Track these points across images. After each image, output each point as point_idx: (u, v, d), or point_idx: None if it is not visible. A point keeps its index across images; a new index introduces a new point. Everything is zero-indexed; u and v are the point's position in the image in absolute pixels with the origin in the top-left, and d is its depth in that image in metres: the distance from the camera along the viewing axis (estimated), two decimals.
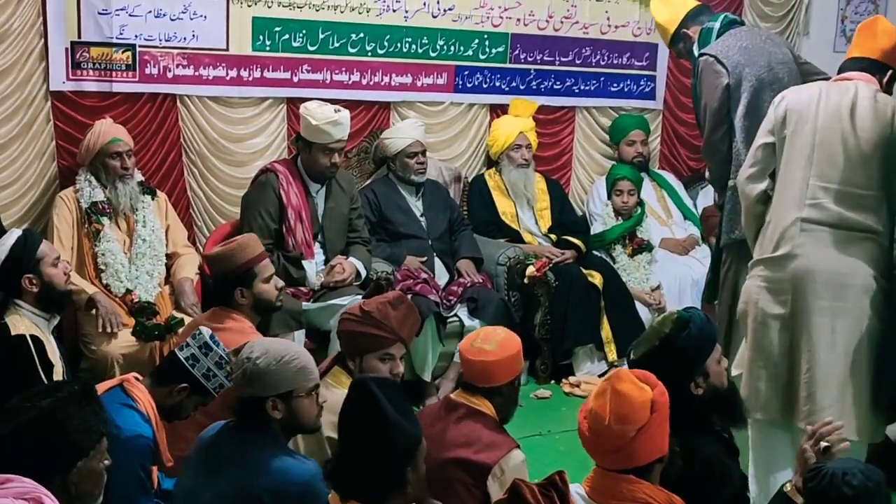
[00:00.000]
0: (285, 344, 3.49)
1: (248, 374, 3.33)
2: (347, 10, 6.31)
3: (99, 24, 5.63)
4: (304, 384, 3.39)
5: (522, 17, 6.88)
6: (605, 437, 3.00)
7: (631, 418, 2.96)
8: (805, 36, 7.97)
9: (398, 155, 6.31)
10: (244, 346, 3.49)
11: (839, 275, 4.06)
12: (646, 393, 3.00)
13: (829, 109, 4.15)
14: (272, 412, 3.33)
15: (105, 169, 5.38)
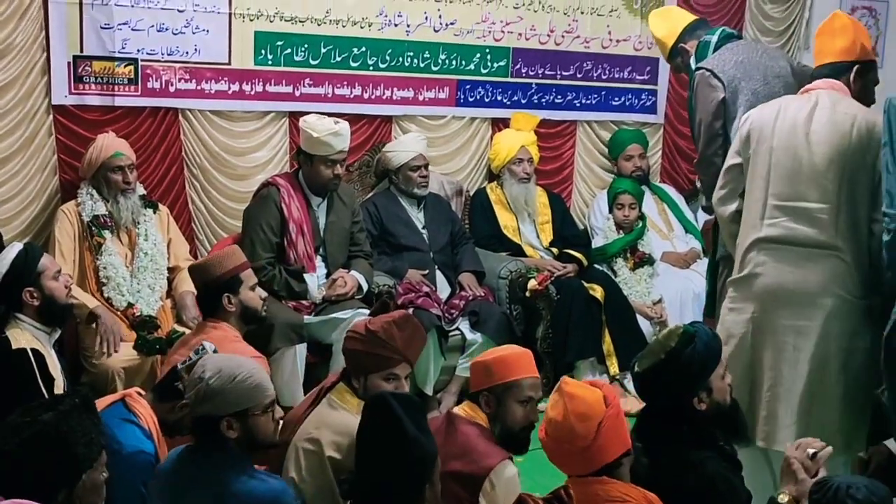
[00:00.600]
0: (238, 361, 3.41)
1: (201, 394, 3.26)
2: (349, 25, 6.32)
3: (101, 39, 5.64)
4: (260, 401, 3.32)
5: (524, 32, 6.89)
6: (569, 440, 3.05)
7: (589, 414, 3.04)
8: (806, 50, 7.96)
9: (401, 168, 6.31)
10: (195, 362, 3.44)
11: (801, 293, 4.06)
12: (596, 391, 3.10)
13: (785, 125, 4.14)
14: (227, 431, 3.25)
15: (107, 183, 5.38)
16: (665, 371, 3.39)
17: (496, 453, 3.59)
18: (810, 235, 4.05)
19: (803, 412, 4.04)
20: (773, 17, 7.78)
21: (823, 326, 4.03)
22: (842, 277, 4.03)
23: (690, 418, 3.39)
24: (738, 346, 4.18)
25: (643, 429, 3.47)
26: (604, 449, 3.06)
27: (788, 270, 4.08)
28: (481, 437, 3.64)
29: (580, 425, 3.03)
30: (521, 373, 3.75)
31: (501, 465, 3.54)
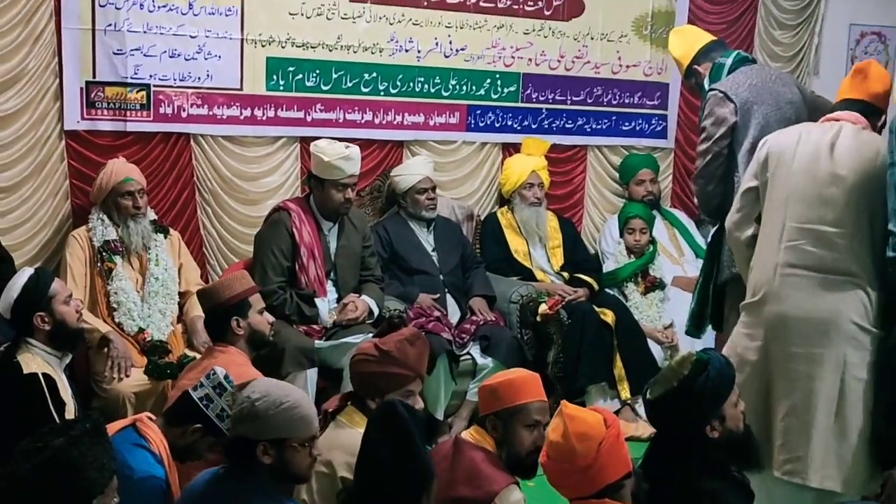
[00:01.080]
0: (289, 389, 3.40)
1: (244, 413, 3.26)
2: (360, 51, 6.35)
3: (114, 64, 5.68)
4: (301, 434, 3.29)
5: (534, 57, 6.91)
6: (570, 460, 3.06)
7: (589, 434, 3.07)
8: (815, 76, 7.99)
9: (408, 191, 6.33)
10: (248, 382, 3.45)
11: (817, 321, 4.00)
12: (596, 414, 3.14)
13: (807, 150, 4.12)
14: (262, 457, 3.23)
15: (117, 208, 5.40)
16: (677, 399, 3.36)
17: (502, 478, 3.56)
18: (826, 260, 4.00)
19: (822, 443, 3.96)
20: (782, 43, 7.80)
21: (838, 355, 3.96)
22: (858, 305, 3.97)
23: (702, 446, 3.37)
24: (751, 372, 4.13)
25: (653, 456, 3.45)
26: (605, 469, 3.06)
27: (803, 297, 4.03)
28: (487, 462, 3.61)
29: (580, 445, 3.05)
30: (528, 396, 3.72)
31: (507, 490, 3.52)
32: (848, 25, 8.12)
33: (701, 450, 3.35)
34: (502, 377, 3.78)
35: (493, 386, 3.72)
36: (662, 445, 3.47)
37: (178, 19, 5.81)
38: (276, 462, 3.25)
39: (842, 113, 4.24)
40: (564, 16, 6.99)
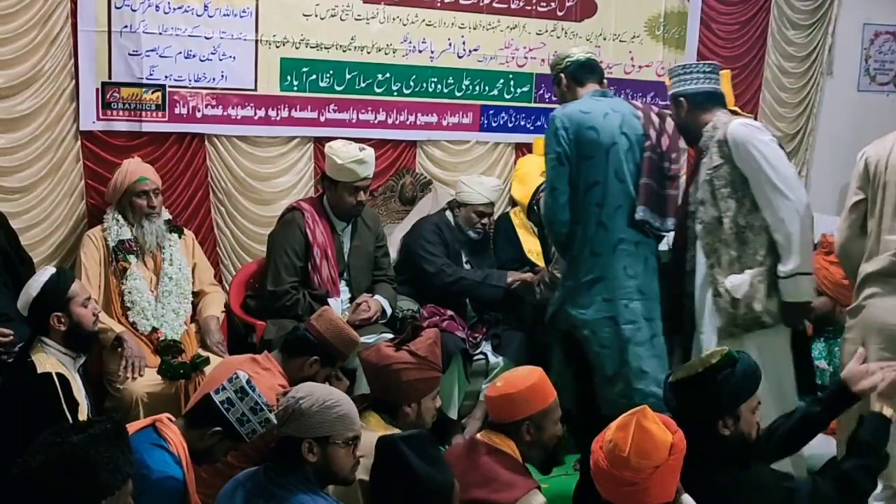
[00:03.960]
0: (331, 390, 3.46)
1: (289, 412, 3.33)
2: (374, 51, 6.37)
3: (129, 65, 5.71)
4: (343, 432, 3.35)
5: (547, 58, 6.88)
6: (622, 470, 3.00)
7: (651, 455, 2.98)
8: (829, 76, 7.99)
9: (467, 206, 6.28)
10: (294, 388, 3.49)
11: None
12: (668, 435, 3.02)
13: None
14: (307, 454, 3.30)
15: (132, 207, 5.41)
16: (698, 385, 3.40)
17: (523, 483, 3.58)
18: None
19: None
20: (795, 43, 7.79)
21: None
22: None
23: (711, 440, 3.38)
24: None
25: None
26: (649, 492, 3.01)
27: (893, 304, 4.12)
28: (507, 466, 3.64)
29: (637, 461, 2.98)
30: (553, 394, 3.79)
31: (530, 495, 3.54)
32: (862, 25, 8.13)
33: (710, 443, 3.36)
34: (522, 382, 3.77)
35: (522, 392, 3.72)
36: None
37: (193, 21, 5.84)
38: (320, 460, 3.32)
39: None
40: (577, 16, 7.00)
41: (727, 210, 4.54)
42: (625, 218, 4.77)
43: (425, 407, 3.87)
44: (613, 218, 4.75)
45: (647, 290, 4.79)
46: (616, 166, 4.75)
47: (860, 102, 8.16)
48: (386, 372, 3.92)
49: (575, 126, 4.72)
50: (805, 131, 7.97)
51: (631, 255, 4.77)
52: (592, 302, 4.76)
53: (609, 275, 4.74)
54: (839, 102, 8.06)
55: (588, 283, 4.76)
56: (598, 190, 4.73)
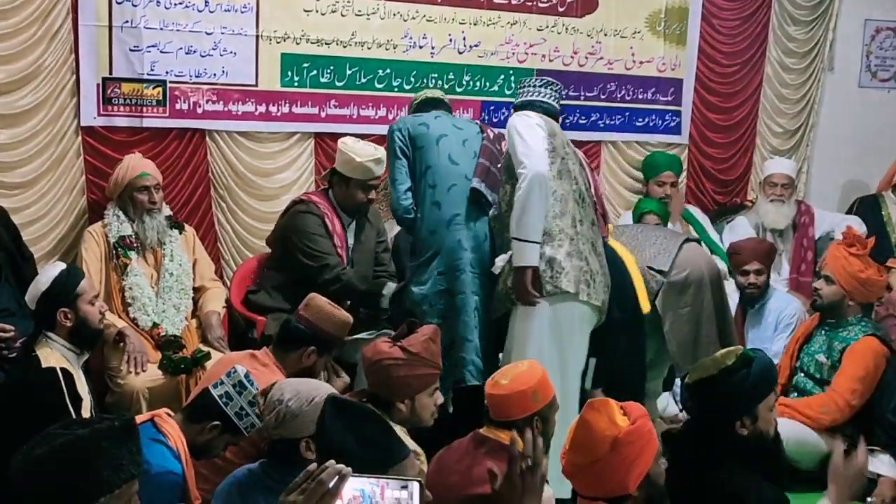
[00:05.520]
0: (315, 384, 3.47)
1: (280, 416, 3.31)
2: (374, 47, 6.38)
3: (130, 61, 5.72)
4: None
5: (548, 53, 6.92)
6: (569, 460, 3.02)
7: (588, 448, 2.97)
8: (830, 72, 7.98)
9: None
10: (272, 386, 3.48)
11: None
12: (613, 429, 2.96)
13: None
14: (305, 453, 3.29)
15: (133, 203, 5.42)
16: (715, 387, 3.41)
17: None
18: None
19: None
20: (796, 39, 7.78)
21: None
22: None
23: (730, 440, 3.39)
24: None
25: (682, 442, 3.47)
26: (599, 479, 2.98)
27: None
28: None
29: (573, 454, 3.00)
30: (553, 387, 3.83)
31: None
32: (863, 21, 8.11)
33: (728, 444, 3.37)
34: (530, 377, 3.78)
35: (533, 387, 3.74)
36: (693, 433, 3.49)
37: (193, 16, 5.85)
38: (319, 455, 3.24)
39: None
40: (578, 12, 7.00)
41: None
42: (459, 197, 5.08)
43: (420, 404, 3.86)
44: (446, 196, 5.06)
45: (478, 265, 4.96)
46: (449, 151, 5.12)
47: (861, 98, 8.15)
48: (378, 367, 3.92)
49: (408, 125, 5.23)
50: (806, 127, 7.96)
51: (466, 230, 4.99)
52: (430, 277, 4.96)
53: (444, 249, 4.94)
54: (840, 98, 8.05)
55: (427, 260, 4.98)
56: (431, 174, 5.10)
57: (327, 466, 2.44)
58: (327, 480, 2.42)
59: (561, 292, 4.65)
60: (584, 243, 4.78)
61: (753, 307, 6.30)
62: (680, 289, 5.21)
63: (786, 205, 7.06)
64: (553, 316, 4.68)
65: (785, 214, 7.05)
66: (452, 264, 4.93)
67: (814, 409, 5.30)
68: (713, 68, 7.55)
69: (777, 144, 7.85)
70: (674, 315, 5.21)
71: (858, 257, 5.41)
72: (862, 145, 7.94)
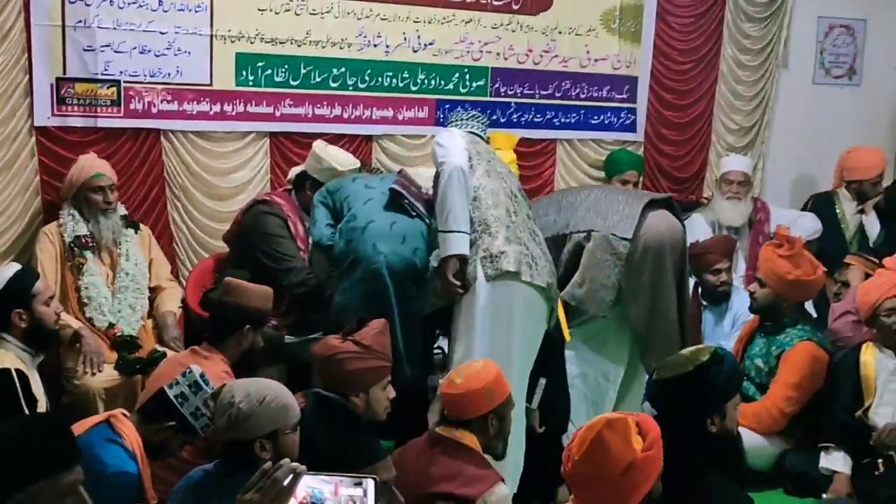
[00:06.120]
0: (264, 383, 3.45)
1: (232, 418, 3.29)
2: (329, 46, 6.37)
3: (84, 61, 5.69)
4: (289, 421, 3.36)
5: (502, 52, 6.94)
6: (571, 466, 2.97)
7: (600, 466, 2.90)
8: (784, 69, 8.04)
9: None
10: (221, 388, 3.48)
11: None
12: (629, 453, 2.90)
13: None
14: (260, 453, 3.28)
15: (87, 203, 5.39)
16: (690, 383, 3.43)
17: (488, 475, 3.66)
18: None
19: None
20: (751, 36, 7.83)
21: None
22: None
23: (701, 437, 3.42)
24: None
25: None
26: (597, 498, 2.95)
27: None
28: (472, 460, 3.70)
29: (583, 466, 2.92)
30: (508, 385, 3.87)
31: (497, 486, 3.62)
32: (816, 18, 8.17)
33: (698, 441, 3.39)
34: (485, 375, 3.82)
35: (488, 385, 3.78)
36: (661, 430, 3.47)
37: (147, 16, 5.82)
38: (273, 455, 3.27)
39: None
40: (532, 10, 7.02)
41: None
42: (374, 207, 5.02)
43: (374, 397, 3.88)
44: (362, 209, 5.01)
45: (398, 266, 4.88)
46: (363, 181, 5.21)
47: (815, 95, 8.22)
48: (331, 362, 3.93)
49: (324, 189, 5.26)
50: (761, 124, 8.01)
51: (383, 234, 4.92)
52: (351, 285, 4.91)
53: (361, 255, 4.89)
54: (794, 95, 8.12)
55: (347, 269, 4.94)
56: (348, 202, 5.06)
57: (282, 465, 2.46)
58: (282, 479, 2.44)
59: (502, 273, 4.62)
60: (521, 231, 4.79)
61: (719, 305, 6.33)
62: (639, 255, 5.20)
63: (742, 202, 7.09)
64: (494, 297, 4.64)
65: (741, 212, 7.08)
66: (370, 268, 4.87)
67: (748, 418, 5.30)
68: (668, 66, 7.59)
69: (732, 141, 7.90)
70: (635, 281, 5.21)
71: (787, 258, 5.40)
72: (816, 142, 8.01)
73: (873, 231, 7.24)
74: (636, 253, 5.18)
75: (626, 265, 5.18)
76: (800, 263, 5.41)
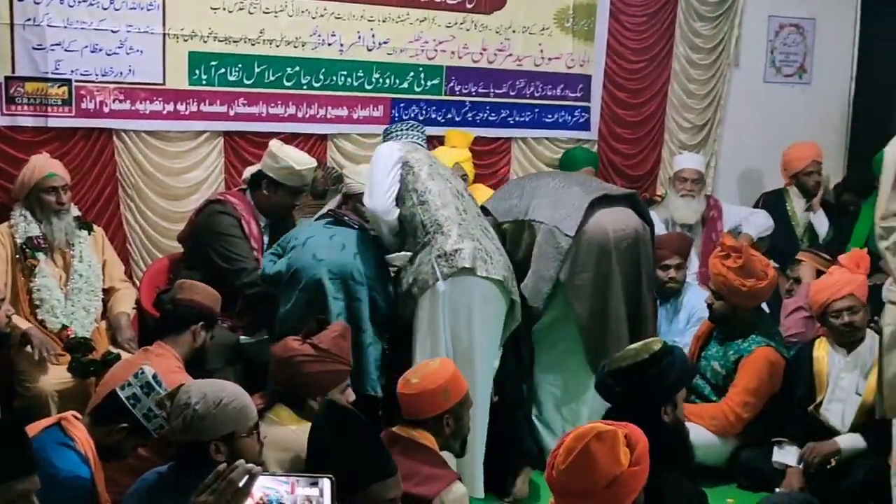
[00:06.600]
0: (221, 385, 3.43)
1: (188, 420, 3.26)
2: (283, 44, 6.36)
3: (34, 60, 5.64)
4: (245, 424, 3.33)
5: (457, 50, 6.95)
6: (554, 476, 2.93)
7: (583, 480, 2.86)
8: (736, 67, 8.11)
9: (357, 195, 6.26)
10: (178, 389, 3.45)
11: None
12: (615, 467, 2.85)
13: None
14: (215, 455, 3.23)
15: (40, 204, 5.33)
16: (645, 372, 3.48)
17: (445, 475, 3.68)
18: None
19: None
20: (702, 35, 7.89)
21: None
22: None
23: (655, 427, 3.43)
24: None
25: None
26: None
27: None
28: (428, 459, 3.71)
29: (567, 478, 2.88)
30: (466, 383, 3.91)
31: (454, 485, 3.64)
32: (767, 17, 8.25)
33: (653, 432, 3.40)
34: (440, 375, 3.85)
35: (443, 386, 3.81)
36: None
37: (98, 14, 5.79)
38: (228, 457, 3.19)
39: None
40: (486, 9, 7.03)
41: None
42: (316, 227, 5.28)
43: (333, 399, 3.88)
44: (301, 234, 5.22)
45: (338, 271, 4.95)
46: (314, 251, 5.08)
47: (766, 93, 8.29)
48: (288, 365, 3.94)
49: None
50: (713, 122, 8.07)
51: (323, 244, 5.04)
52: (293, 295, 4.96)
53: (301, 265, 4.97)
54: (746, 93, 8.18)
55: (288, 282, 5.01)
56: (286, 240, 5.24)
57: (237, 466, 2.45)
58: (237, 480, 2.43)
59: (458, 270, 4.72)
60: (473, 228, 4.91)
61: (669, 301, 6.36)
62: (583, 252, 5.24)
63: (696, 200, 7.11)
64: (452, 294, 4.74)
65: (695, 209, 7.11)
66: (311, 278, 4.92)
67: (705, 420, 5.37)
68: (621, 64, 7.63)
69: (685, 139, 7.95)
70: (578, 279, 5.25)
71: (737, 270, 5.39)
72: (767, 140, 8.06)
73: (822, 228, 7.39)
74: (580, 249, 5.24)
75: (570, 261, 5.23)
76: (751, 272, 5.41)
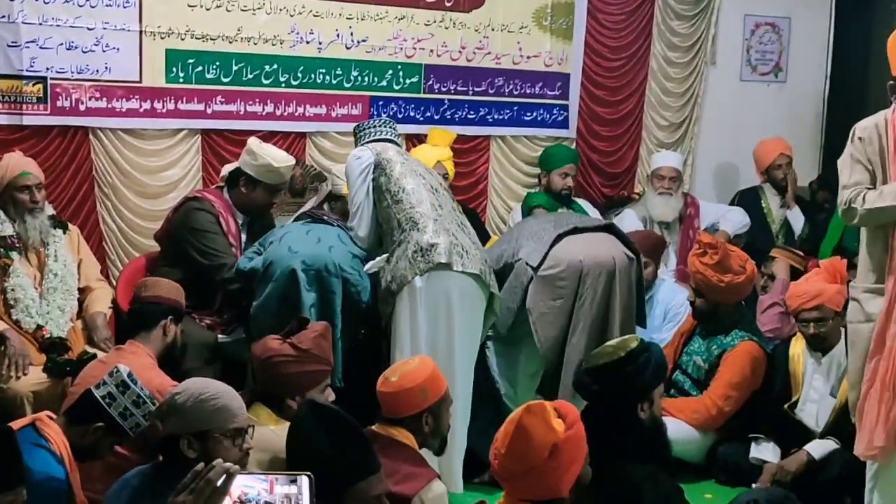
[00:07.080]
0: (211, 383, 3.39)
1: (163, 409, 3.25)
2: (261, 42, 6.34)
3: (8, 57, 5.61)
4: (223, 425, 3.25)
5: (436, 48, 6.94)
6: (500, 461, 3.02)
7: (525, 456, 2.96)
8: (712, 66, 8.12)
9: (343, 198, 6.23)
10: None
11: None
12: (551, 435, 2.97)
13: None
14: (186, 450, 3.20)
15: (14, 203, 5.28)
16: (622, 369, 3.50)
17: (424, 473, 3.67)
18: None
19: None
20: (680, 34, 7.90)
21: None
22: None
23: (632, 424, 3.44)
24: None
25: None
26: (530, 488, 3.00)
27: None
28: (407, 458, 3.70)
29: (509, 461, 2.99)
30: (445, 381, 3.91)
31: (433, 483, 3.63)
32: (743, 16, 8.27)
33: (631, 428, 3.42)
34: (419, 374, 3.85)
35: (421, 384, 3.80)
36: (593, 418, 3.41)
37: (74, 11, 5.75)
38: (200, 456, 3.13)
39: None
40: (465, 7, 7.03)
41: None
42: (293, 225, 5.39)
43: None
44: (280, 229, 5.38)
45: (312, 262, 4.98)
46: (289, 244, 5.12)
47: (742, 92, 8.32)
48: (268, 365, 3.93)
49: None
50: (690, 120, 8.08)
51: (298, 238, 5.11)
52: (266, 287, 4.99)
53: (276, 258, 5.01)
54: (722, 92, 8.21)
55: (263, 274, 5.03)
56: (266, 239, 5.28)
57: (215, 465, 2.44)
58: (215, 479, 2.42)
59: (435, 265, 4.75)
60: (449, 223, 4.94)
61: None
62: (549, 282, 5.22)
63: (673, 197, 7.14)
64: (429, 290, 4.77)
65: (673, 207, 7.14)
66: (286, 269, 4.94)
67: (686, 414, 5.41)
68: (599, 63, 7.63)
69: (663, 137, 7.97)
70: (543, 307, 5.22)
71: (715, 267, 5.42)
72: (744, 138, 8.08)
73: (798, 224, 7.48)
74: (549, 277, 5.23)
75: (537, 289, 5.22)
76: (728, 267, 5.44)
